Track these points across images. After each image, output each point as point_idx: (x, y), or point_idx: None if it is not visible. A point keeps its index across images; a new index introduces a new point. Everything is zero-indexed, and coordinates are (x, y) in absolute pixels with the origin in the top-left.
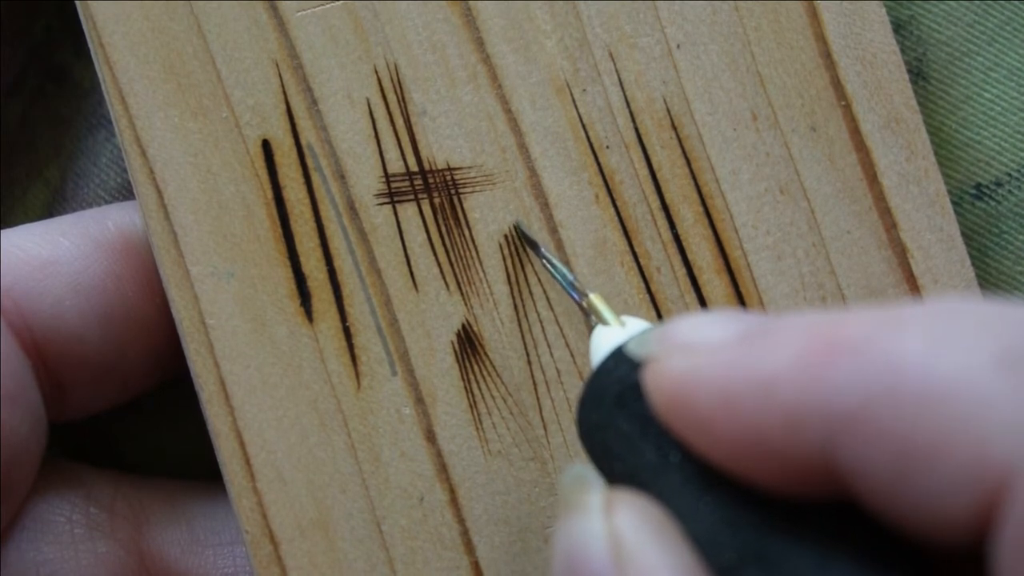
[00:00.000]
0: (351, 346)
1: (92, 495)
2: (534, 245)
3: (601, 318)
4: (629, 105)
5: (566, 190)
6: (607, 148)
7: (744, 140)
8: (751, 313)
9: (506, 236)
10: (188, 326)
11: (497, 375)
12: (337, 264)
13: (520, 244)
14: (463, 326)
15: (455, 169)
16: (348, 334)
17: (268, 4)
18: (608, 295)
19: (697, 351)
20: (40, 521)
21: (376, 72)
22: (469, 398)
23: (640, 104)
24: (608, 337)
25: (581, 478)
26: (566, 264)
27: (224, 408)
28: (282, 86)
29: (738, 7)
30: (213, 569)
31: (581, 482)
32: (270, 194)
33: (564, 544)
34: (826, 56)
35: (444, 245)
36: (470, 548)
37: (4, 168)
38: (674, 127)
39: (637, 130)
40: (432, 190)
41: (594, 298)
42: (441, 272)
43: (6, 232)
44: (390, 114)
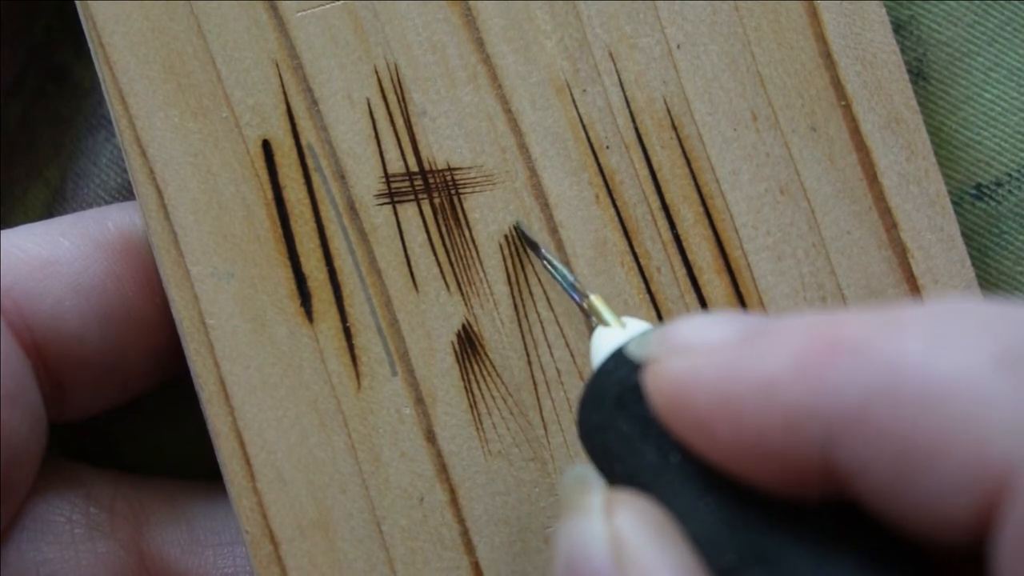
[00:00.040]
0: (351, 346)
1: (92, 495)
2: (535, 246)
3: (602, 319)
4: (629, 105)
5: (566, 190)
6: (607, 148)
7: (744, 140)
8: (751, 314)
9: (506, 236)
10: (188, 326)
11: (497, 375)
12: (337, 264)
13: (520, 244)
14: (463, 326)
15: (455, 169)
16: (348, 334)
17: (268, 4)
18: (608, 295)
19: (697, 352)
20: (40, 521)
21: (376, 72)
22: (469, 398)
23: (640, 104)
24: (609, 338)
25: (582, 479)
26: (566, 265)
27: (224, 408)
28: (282, 86)
29: (738, 7)
30: (213, 569)
31: (582, 483)
32: (270, 194)
33: (565, 545)
34: (826, 56)
35: (444, 245)
36: (470, 548)
37: (4, 168)
38: (674, 127)
39: (637, 130)
40: (432, 190)
41: (595, 299)
42: (441, 272)
43: (6, 232)
44: (390, 114)
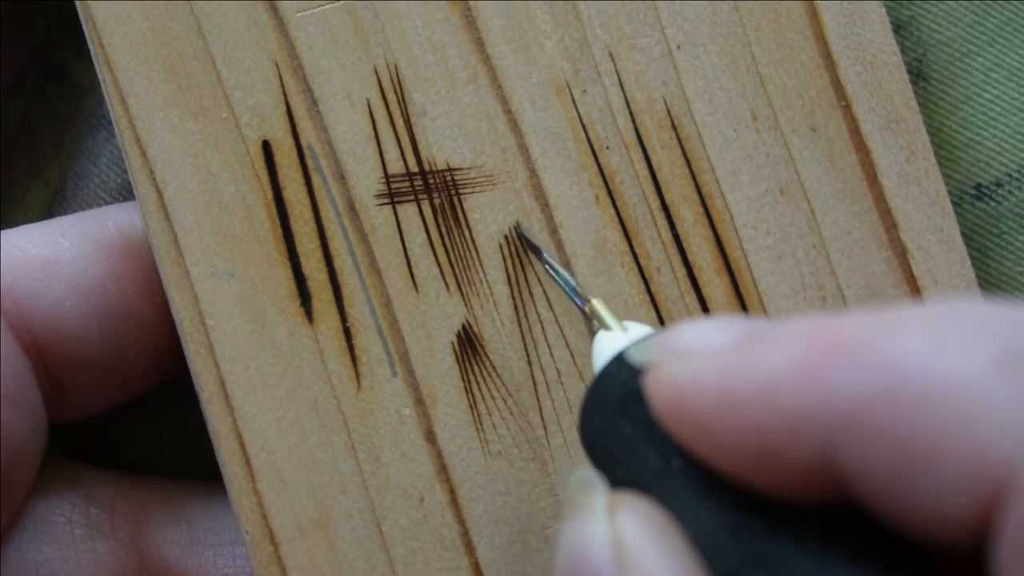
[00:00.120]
0: (351, 347)
1: (92, 495)
2: (536, 250)
3: (603, 323)
4: (629, 106)
5: (566, 191)
6: (607, 149)
7: (744, 140)
8: (752, 319)
9: (506, 237)
10: (188, 326)
11: (497, 376)
12: (337, 265)
13: (520, 245)
14: (463, 327)
15: (455, 170)
16: (348, 335)
17: (268, 4)
18: (608, 295)
19: (697, 357)
20: (40, 521)
21: (376, 72)
22: (469, 399)
23: (640, 105)
24: (610, 342)
25: (585, 480)
26: (568, 268)
27: (224, 408)
28: (282, 86)
29: (738, 7)
30: (213, 569)
31: (585, 484)
32: (270, 195)
33: (567, 546)
34: (826, 56)
35: (444, 246)
36: (470, 549)
37: (4, 168)
38: (674, 127)
39: (637, 131)
40: (432, 191)
41: (596, 303)
42: (441, 273)
43: (6, 232)
44: (390, 114)
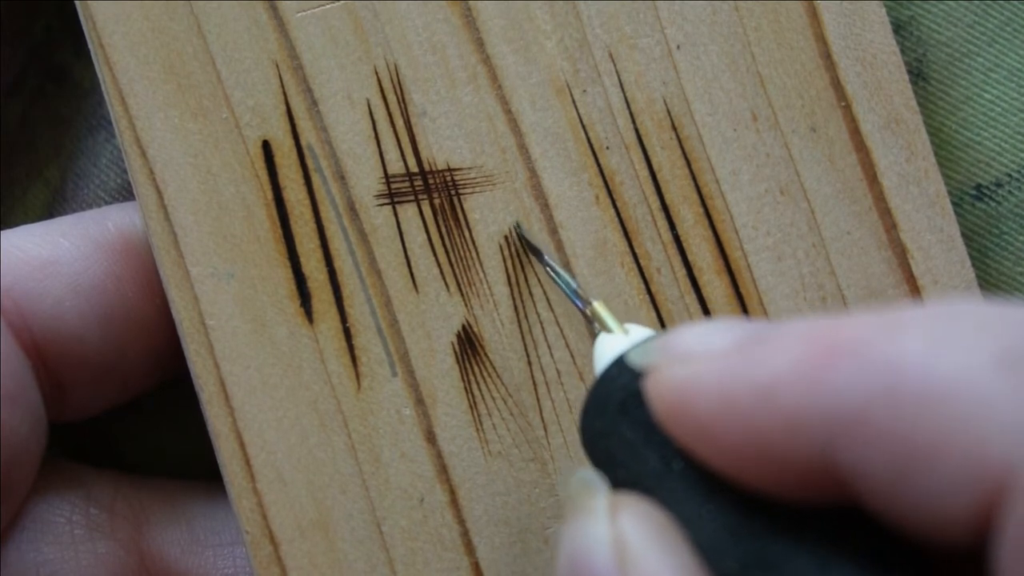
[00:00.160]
0: (351, 347)
1: (92, 495)
2: (537, 252)
3: (604, 326)
4: (629, 106)
5: (566, 191)
6: (607, 149)
7: (744, 141)
8: (753, 321)
9: (506, 237)
10: (188, 327)
11: (497, 376)
12: (337, 265)
13: (520, 245)
14: (463, 327)
15: (455, 170)
16: (348, 335)
17: (268, 4)
18: (608, 296)
19: (698, 359)
20: (40, 521)
21: (376, 73)
22: (469, 399)
23: (640, 105)
24: (611, 345)
25: (586, 482)
26: (568, 270)
27: (224, 409)
28: (282, 87)
29: (738, 7)
30: (213, 569)
31: (586, 485)
32: (270, 195)
33: (568, 547)
34: (826, 57)
35: (444, 246)
36: (470, 549)
37: (4, 168)
38: (674, 128)
39: (637, 131)
40: (432, 191)
41: (597, 306)
42: (441, 273)
43: (6, 232)
44: (390, 115)
